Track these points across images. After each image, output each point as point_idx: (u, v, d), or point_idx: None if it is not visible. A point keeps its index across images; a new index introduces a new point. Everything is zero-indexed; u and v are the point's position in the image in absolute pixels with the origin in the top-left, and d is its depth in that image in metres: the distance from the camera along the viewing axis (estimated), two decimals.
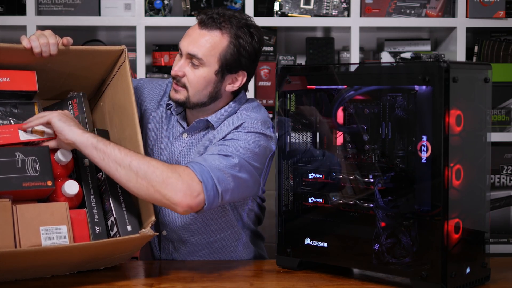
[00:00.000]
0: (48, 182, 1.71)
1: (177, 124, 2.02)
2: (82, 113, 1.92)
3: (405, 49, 3.06)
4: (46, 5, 2.88)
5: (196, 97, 1.91)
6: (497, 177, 2.90)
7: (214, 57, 1.87)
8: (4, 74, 1.81)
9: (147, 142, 2.02)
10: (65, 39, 1.83)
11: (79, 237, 1.72)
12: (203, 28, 1.88)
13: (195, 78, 1.89)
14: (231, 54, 1.88)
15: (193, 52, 1.87)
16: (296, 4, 2.91)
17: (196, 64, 1.88)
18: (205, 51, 1.87)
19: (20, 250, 1.62)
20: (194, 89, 1.90)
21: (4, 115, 1.82)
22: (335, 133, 1.86)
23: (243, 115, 1.92)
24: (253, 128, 1.87)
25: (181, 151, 1.97)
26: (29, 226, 1.66)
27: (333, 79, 1.78)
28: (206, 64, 1.87)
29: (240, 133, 1.86)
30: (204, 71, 1.88)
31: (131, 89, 1.86)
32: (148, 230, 1.70)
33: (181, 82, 1.90)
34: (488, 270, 1.73)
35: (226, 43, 1.87)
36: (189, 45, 1.88)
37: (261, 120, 1.90)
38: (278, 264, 1.88)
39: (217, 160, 1.77)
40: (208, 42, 1.87)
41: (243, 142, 1.83)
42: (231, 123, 1.90)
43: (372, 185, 1.73)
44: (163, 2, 2.90)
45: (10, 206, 1.66)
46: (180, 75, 1.90)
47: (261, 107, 2.00)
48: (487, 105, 1.72)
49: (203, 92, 1.90)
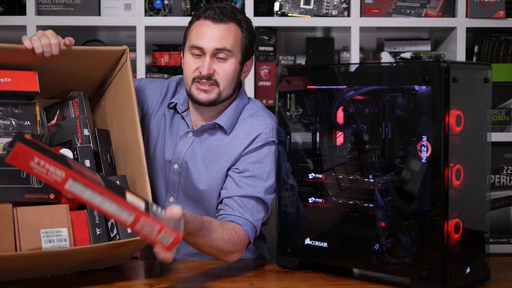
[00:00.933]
0: (50, 195, 1.71)
1: (181, 123, 2.02)
2: (82, 113, 1.92)
3: (405, 49, 3.06)
4: (46, 5, 2.88)
5: (226, 91, 1.95)
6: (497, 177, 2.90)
7: (237, 47, 1.94)
8: (5, 74, 1.81)
9: (149, 142, 2.02)
10: (67, 40, 1.82)
11: (80, 239, 1.72)
12: (219, 22, 1.92)
13: (225, 72, 1.93)
14: (248, 41, 1.97)
15: (221, 46, 1.91)
16: (296, 4, 2.91)
17: (224, 58, 1.92)
18: (232, 42, 1.92)
19: (21, 253, 1.61)
20: (226, 82, 1.94)
21: (5, 115, 1.81)
22: (335, 133, 1.86)
23: (256, 121, 1.97)
24: (270, 138, 1.94)
25: (187, 151, 1.98)
26: (29, 229, 1.65)
27: (333, 79, 1.78)
28: (233, 55, 1.93)
29: (259, 151, 1.94)
30: (232, 63, 1.93)
31: (132, 89, 1.86)
32: None
33: (213, 79, 1.93)
34: (488, 270, 1.73)
35: (242, 32, 1.95)
36: (213, 41, 1.91)
37: (274, 127, 1.95)
38: (278, 264, 1.88)
39: (257, 210, 1.90)
40: (230, 34, 1.92)
41: (265, 165, 1.92)
42: (246, 133, 1.95)
43: (372, 185, 1.73)
44: (163, 2, 2.90)
45: (11, 208, 1.66)
46: (211, 73, 1.92)
47: (267, 110, 2.05)
48: (487, 105, 1.72)
49: (231, 85, 1.96)
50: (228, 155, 1.94)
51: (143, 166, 1.78)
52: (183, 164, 1.97)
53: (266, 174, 1.92)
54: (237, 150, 1.94)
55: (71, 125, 1.89)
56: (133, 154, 1.83)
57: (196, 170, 1.96)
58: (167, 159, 1.99)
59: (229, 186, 1.92)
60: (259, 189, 1.90)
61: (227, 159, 1.94)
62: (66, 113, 1.94)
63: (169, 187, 2.00)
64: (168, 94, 2.07)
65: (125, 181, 1.80)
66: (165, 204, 2.00)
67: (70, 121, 1.90)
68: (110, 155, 1.89)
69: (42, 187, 1.70)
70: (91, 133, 1.88)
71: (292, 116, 1.88)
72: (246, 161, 1.93)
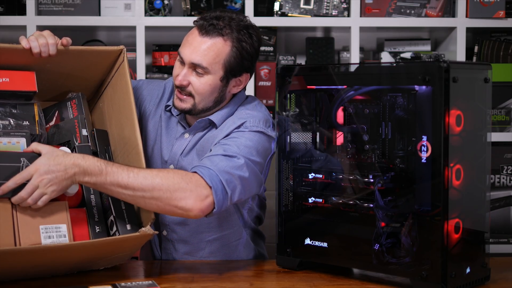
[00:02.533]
0: None
1: (177, 125, 2.02)
2: (81, 113, 1.92)
3: (405, 49, 3.06)
4: (46, 5, 2.88)
5: (202, 104, 1.90)
6: (497, 177, 2.90)
7: (218, 64, 1.86)
8: (4, 74, 1.81)
9: (147, 143, 2.02)
10: (64, 40, 1.82)
11: (79, 236, 1.72)
12: (204, 35, 1.86)
13: (201, 86, 1.87)
14: (234, 59, 1.87)
15: (197, 62, 1.85)
16: (296, 4, 2.91)
17: (201, 73, 1.86)
18: (209, 59, 1.85)
19: (20, 248, 1.62)
20: (201, 96, 1.89)
21: (4, 115, 1.82)
22: (335, 133, 1.86)
23: (245, 114, 1.93)
24: (254, 127, 1.88)
25: (183, 151, 1.97)
26: (28, 225, 1.66)
27: (333, 79, 1.78)
28: (211, 72, 1.86)
29: (242, 132, 1.87)
30: (209, 79, 1.87)
31: (130, 88, 1.86)
32: (148, 229, 1.70)
33: (187, 91, 1.89)
34: (488, 270, 1.73)
35: (229, 49, 1.86)
36: (192, 54, 1.86)
37: (263, 119, 1.91)
38: (278, 264, 1.88)
39: (224, 162, 1.77)
40: (211, 50, 1.85)
41: (245, 140, 1.84)
42: (233, 122, 1.90)
43: (372, 185, 1.73)
44: (163, 2, 2.90)
45: (10, 205, 1.66)
46: (185, 84, 1.88)
47: (261, 105, 2.00)
48: (487, 105, 1.72)
49: (209, 98, 1.90)
50: (212, 143, 1.90)
51: (142, 163, 1.78)
52: (179, 165, 1.96)
53: (242, 146, 1.82)
54: (221, 135, 1.89)
55: (69, 126, 1.89)
56: (132, 152, 1.84)
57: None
58: (164, 160, 1.99)
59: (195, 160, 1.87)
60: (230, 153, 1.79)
61: (209, 147, 1.90)
62: (64, 114, 1.94)
63: None
64: (164, 95, 2.06)
65: None
66: None
67: (68, 121, 1.91)
68: (109, 154, 1.89)
69: None
70: (90, 133, 1.88)
71: (292, 116, 1.88)
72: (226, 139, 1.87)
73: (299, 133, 1.90)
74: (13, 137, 1.78)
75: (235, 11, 2.56)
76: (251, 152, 1.83)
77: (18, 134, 1.79)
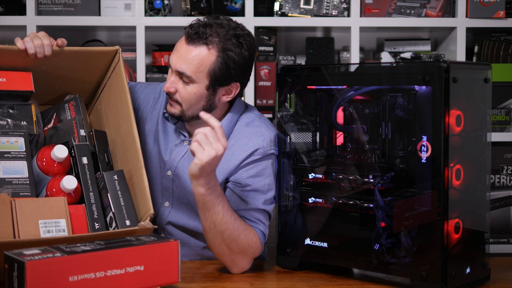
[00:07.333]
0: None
1: (176, 132, 2.00)
2: (78, 114, 1.92)
3: (405, 49, 3.05)
4: (46, 5, 2.88)
5: (190, 111, 1.89)
6: (497, 177, 2.90)
7: (202, 73, 1.83)
8: (0, 74, 1.81)
9: (145, 146, 2.00)
10: (59, 40, 1.82)
11: (78, 232, 1.72)
12: (189, 43, 1.84)
13: (186, 94, 1.86)
14: (220, 69, 1.83)
15: (181, 70, 1.84)
16: (296, 4, 2.91)
17: (186, 81, 1.85)
18: (193, 68, 1.83)
19: (19, 240, 1.61)
20: (187, 104, 1.88)
21: (1, 115, 1.82)
22: (335, 133, 1.86)
23: (253, 133, 1.92)
24: (268, 151, 1.90)
25: (181, 158, 1.96)
26: (28, 220, 1.66)
27: (333, 79, 1.78)
28: (196, 81, 1.84)
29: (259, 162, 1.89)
30: (194, 88, 1.85)
31: (126, 87, 1.86)
32: (147, 223, 1.70)
33: (174, 98, 1.88)
34: (488, 270, 1.73)
35: (214, 58, 1.82)
36: (177, 62, 1.84)
37: (272, 139, 1.91)
38: (278, 264, 1.88)
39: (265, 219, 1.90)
40: (195, 59, 1.82)
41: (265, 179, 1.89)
42: (244, 146, 1.90)
43: (372, 185, 1.73)
44: (163, 2, 2.90)
45: (9, 200, 1.67)
46: (172, 91, 1.87)
47: (264, 119, 1.99)
48: (487, 105, 1.72)
49: (196, 106, 1.88)
50: (223, 166, 1.89)
51: (140, 160, 1.78)
52: (176, 171, 1.96)
53: (266, 186, 1.89)
54: (233, 162, 1.89)
55: (67, 127, 1.89)
56: (129, 150, 1.83)
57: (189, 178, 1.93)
58: (162, 164, 1.98)
59: (232, 200, 1.87)
60: (262, 201, 1.88)
61: (223, 170, 1.89)
62: (62, 116, 1.94)
63: (164, 192, 1.99)
64: (160, 97, 2.05)
65: (122, 176, 1.80)
66: (160, 208, 1.99)
67: (66, 122, 1.91)
68: (107, 154, 1.89)
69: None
70: (88, 134, 1.88)
71: (291, 116, 1.88)
72: (246, 175, 1.88)
73: (299, 133, 1.90)
74: (12, 136, 1.79)
75: (234, 15, 2.55)
76: (271, 187, 1.90)
77: (16, 134, 1.80)
